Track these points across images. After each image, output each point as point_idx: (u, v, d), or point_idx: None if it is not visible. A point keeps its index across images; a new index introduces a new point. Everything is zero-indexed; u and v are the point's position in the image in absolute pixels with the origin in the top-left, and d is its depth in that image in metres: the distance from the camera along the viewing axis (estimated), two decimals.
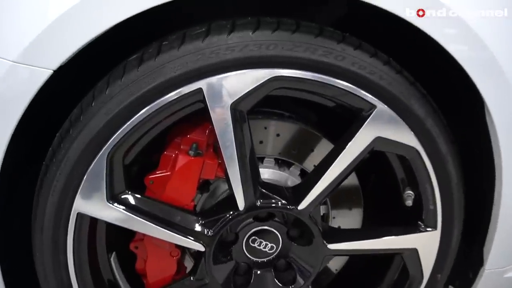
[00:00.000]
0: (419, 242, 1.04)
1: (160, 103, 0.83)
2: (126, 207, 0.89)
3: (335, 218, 1.19)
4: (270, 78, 0.84)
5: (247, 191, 0.92)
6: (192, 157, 0.94)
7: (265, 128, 1.07)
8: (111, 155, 0.85)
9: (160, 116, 0.85)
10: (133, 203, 0.90)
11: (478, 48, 0.85)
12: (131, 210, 0.90)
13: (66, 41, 0.77)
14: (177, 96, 0.82)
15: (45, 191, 0.87)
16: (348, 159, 0.92)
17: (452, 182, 0.99)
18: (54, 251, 0.91)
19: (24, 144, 0.92)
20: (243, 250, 1.02)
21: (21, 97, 0.78)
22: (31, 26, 0.75)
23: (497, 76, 0.88)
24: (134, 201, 0.91)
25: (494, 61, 0.86)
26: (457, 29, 0.85)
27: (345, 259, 1.25)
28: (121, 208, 0.89)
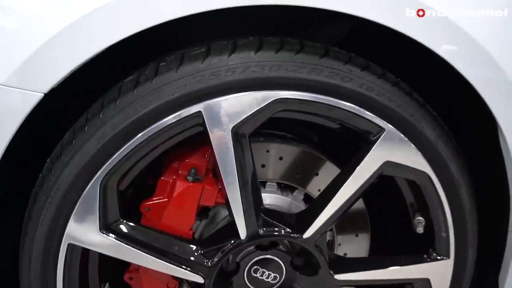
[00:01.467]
0: (431, 272, 0.98)
1: (157, 127, 0.78)
2: (120, 237, 0.84)
3: (341, 245, 1.14)
4: (274, 101, 0.80)
5: (249, 219, 0.86)
6: (190, 183, 0.89)
7: (267, 151, 1.02)
8: (104, 182, 0.80)
9: (157, 141, 0.81)
10: (127, 233, 0.85)
11: (489, 67, 0.81)
12: (126, 240, 0.84)
13: (58, 64, 0.73)
14: (175, 120, 0.78)
15: (34, 220, 0.82)
16: (356, 184, 0.87)
17: (465, 208, 0.94)
18: (43, 285, 0.86)
19: (12, 172, 0.87)
20: (244, 281, 0.96)
21: (10, 121, 0.74)
22: (21, 48, 0.71)
23: (511, 95, 0.84)
24: (129, 230, 0.85)
25: (507, 80, 0.82)
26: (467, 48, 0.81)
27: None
28: (115, 238, 0.83)
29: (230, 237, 0.89)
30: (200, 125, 0.81)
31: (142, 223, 0.92)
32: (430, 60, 0.81)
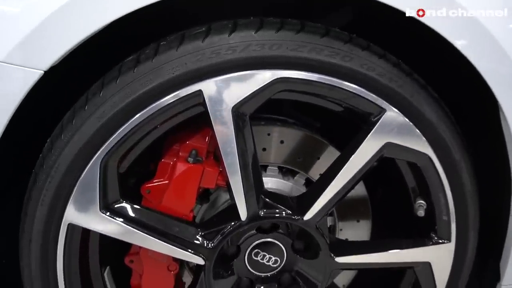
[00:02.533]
0: (432, 255, 0.98)
1: (157, 106, 0.78)
2: (120, 217, 0.84)
3: (342, 230, 1.13)
4: (274, 80, 0.79)
5: (250, 200, 0.86)
6: (191, 164, 0.89)
7: (268, 134, 1.02)
8: (105, 162, 0.80)
9: (157, 120, 0.81)
10: (128, 213, 0.85)
11: (490, 47, 0.81)
12: (126, 220, 0.84)
13: (57, 41, 0.72)
14: (176, 99, 0.78)
15: (34, 201, 0.82)
16: (357, 166, 0.87)
17: (466, 191, 0.93)
18: (43, 265, 0.85)
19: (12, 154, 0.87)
20: (245, 264, 0.96)
21: (10, 99, 0.73)
22: (21, 24, 0.71)
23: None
24: (129, 211, 0.85)
25: (509, 60, 0.82)
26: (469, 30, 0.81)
27: (353, 274, 1.19)
28: (115, 218, 0.83)
29: (231, 219, 0.89)
30: (201, 105, 0.81)
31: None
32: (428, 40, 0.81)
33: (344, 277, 1.18)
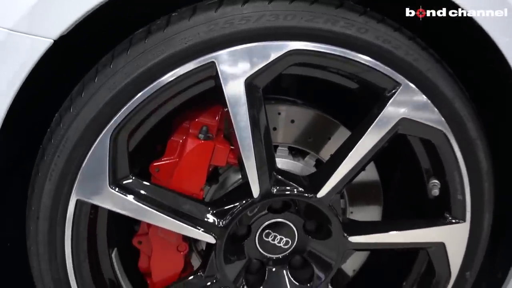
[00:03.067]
0: (447, 236, 0.96)
1: (168, 77, 0.76)
2: (130, 193, 0.81)
3: (352, 213, 1.11)
4: (288, 52, 0.77)
5: (262, 176, 0.84)
6: (202, 141, 0.87)
7: (278, 113, 1.00)
8: (115, 136, 0.78)
9: (168, 93, 0.79)
10: (137, 190, 0.83)
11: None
12: (136, 197, 0.82)
13: (67, 8, 0.70)
14: (187, 70, 0.76)
15: (42, 176, 0.80)
16: (371, 142, 0.85)
17: (482, 170, 0.91)
18: (50, 243, 0.83)
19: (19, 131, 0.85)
20: (256, 245, 0.94)
21: (19, 69, 0.71)
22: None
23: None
24: (139, 187, 0.83)
25: None
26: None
27: (364, 258, 1.17)
28: (124, 194, 0.81)
29: (243, 197, 0.87)
30: (212, 78, 0.79)
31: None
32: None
33: (354, 262, 1.17)
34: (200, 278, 0.92)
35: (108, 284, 0.95)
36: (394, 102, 0.84)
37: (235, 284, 0.93)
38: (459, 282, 1.01)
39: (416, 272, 1.06)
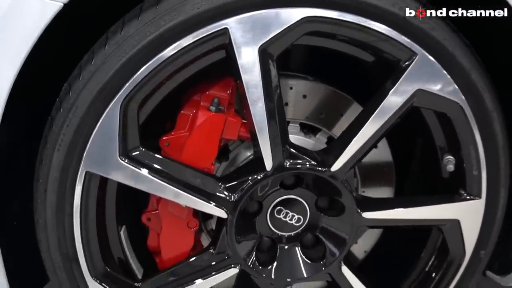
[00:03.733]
0: (462, 212, 0.94)
1: (180, 45, 0.74)
2: (140, 165, 0.80)
3: (364, 193, 1.10)
4: (302, 19, 0.75)
5: (275, 149, 0.82)
6: (213, 113, 0.86)
7: (290, 88, 0.98)
8: (125, 105, 0.76)
9: (179, 62, 0.77)
10: (148, 162, 0.81)
11: None
12: (146, 168, 0.80)
13: None
14: (200, 37, 0.74)
15: (50, 147, 0.78)
16: (387, 114, 0.83)
17: (498, 144, 0.90)
18: (58, 217, 0.81)
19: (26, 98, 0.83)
20: (267, 222, 0.92)
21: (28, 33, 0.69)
22: None
23: None
24: (150, 159, 0.81)
25: None
26: None
27: (376, 239, 1.15)
28: (134, 166, 0.79)
29: (255, 171, 0.85)
30: (224, 48, 0.78)
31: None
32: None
33: (366, 242, 1.15)
34: (211, 255, 0.90)
35: (117, 262, 0.93)
36: (410, 73, 0.81)
37: (246, 261, 0.91)
38: (473, 261, 0.99)
39: (428, 253, 1.05)
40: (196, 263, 0.90)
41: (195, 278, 0.90)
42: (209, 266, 0.90)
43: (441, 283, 1.01)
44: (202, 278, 0.90)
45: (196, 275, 0.90)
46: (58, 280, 0.85)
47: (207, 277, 0.90)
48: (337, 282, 0.96)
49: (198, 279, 0.90)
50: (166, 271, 0.90)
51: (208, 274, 0.90)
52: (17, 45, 0.69)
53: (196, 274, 0.90)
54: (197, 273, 0.90)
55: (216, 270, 0.90)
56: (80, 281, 0.85)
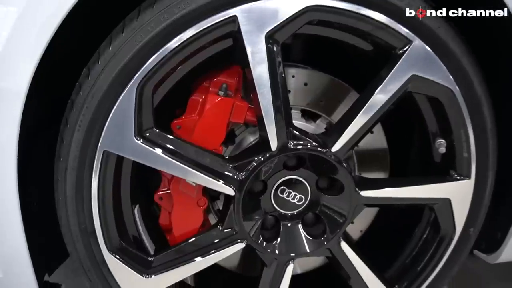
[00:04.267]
0: (452, 192, 1.01)
1: (193, 31, 0.79)
2: (154, 145, 0.85)
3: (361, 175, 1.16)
4: (306, 8, 0.81)
5: (280, 130, 0.88)
6: (222, 97, 0.91)
7: (292, 76, 1.04)
8: (141, 88, 0.81)
9: (191, 48, 0.82)
10: (161, 142, 0.86)
11: None
12: (160, 148, 0.85)
13: None
14: (210, 24, 0.79)
15: (71, 128, 0.83)
16: (384, 97, 0.89)
17: (487, 127, 0.96)
18: (77, 194, 0.87)
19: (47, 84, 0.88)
20: (271, 201, 0.98)
21: (50, 21, 0.74)
22: None
23: None
24: (163, 139, 0.87)
25: None
26: None
27: (371, 218, 1.22)
28: (149, 145, 0.85)
29: (261, 151, 0.91)
30: (231, 36, 0.83)
31: None
32: None
33: (362, 222, 1.22)
34: (218, 231, 0.96)
35: (131, 238, 0.99)
36: (405, 59, 0.88)
37: (252, 236, 0.97)
38: (463, 238, 1.06)
39: (421, 231, 1.12)
40: (205, 239, 0.96)
41: (204, 252, 0.96)
42: (217, 241, 0.96)
43: (432, 259, 1.08)
44: (210, 252, 0.95)
45: (205, 249, 0.96)
46: (77, 253, 0.91)
47: (216, 251, 0.96)
48: (336, 257, 1.03)
49: (207, 254, 0.96)
50: (178, 246, 0.96)
51: (216, 248, 0.96)
52: (40, 30, 0.74)
53: (205, 249, 0.96)
54: (206, 247, 0.96)
55: (224, 245, 0.96)
56: (97, 254, 0.91)
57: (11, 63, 0.78)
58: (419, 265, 1.09)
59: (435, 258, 1.08)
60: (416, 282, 1.09)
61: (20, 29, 0.76)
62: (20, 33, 0.76)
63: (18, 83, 0.78)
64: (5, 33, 0.75)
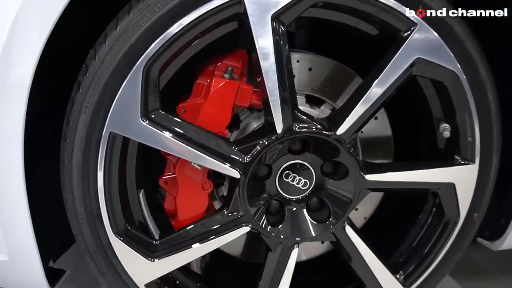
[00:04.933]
0: (457, 176, 1.01)
1: (198, 13, 0.80)
2: (160, 127, 0.85)
3: None
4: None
5: (285, 113, 0.88)
6: (227, 80, 0.92)
7: (297, 61, 1.05)
8: (147, 69, 0.82)
9: (196, 30, 0.83)
10: (167, 124, 0.87)
11: None
12: (166, 130, 0.86)
13: None
14: (217, 5, 0.80)
15: (77, 109, 0.83)
16: (388, 81, 0.89)
17: (491, 111, 0.96)
18: (84, 176, 0.87)
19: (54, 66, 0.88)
20: (275, 185, 0.98)
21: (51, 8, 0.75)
22: None
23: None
24: (169, 121, 0.87)
25: None
26: None
27: (375, 205, 1.22)
28: (156, 127, 0.85)
29: (266, 134, 0.91)
30: (237, 19, 0.84)
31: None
32: None
33: (366, 209, 1.22)
34: (223, 214, 0.96)
35: (137, 222, 0.99)
36: (410, 42, 0.88)
37: (257, 220, 0.97)
38: (467, 223, 1.06)
39: (425, 217, 1.12)
40: (210, 223, 0.97)
41: (209, 236, 0.96)
42: (222, 225, 0.96)
43: (437, 245, 1.09)
44: (215, 236, 0.96)
45: (210, 233, 0.96)
46: (83, 236, 0.91)
47: (221, 235, 0.96)
48: (341, 242, 1.03)
49: (212, 237, 0.96)
50: (183, 229, 0.96)
51: (221, 232, 0.96)
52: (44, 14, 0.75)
53: (210, 232, 0.96)
54: (211, 231, 0.96)
55: (229, 229, 0.96)
56: (103, 237, 0.91)
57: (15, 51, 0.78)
58: (423, 251, 1.10)
59: (439, 244, 1.08)
60: (420, 267, 1.09)
61: (23, 17, 0.77)
62: (24, 21, 0.77)
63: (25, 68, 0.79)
64: (9, 22, 0.77)
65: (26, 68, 0.79)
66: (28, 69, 0.79)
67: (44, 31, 0.78)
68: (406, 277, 1.10)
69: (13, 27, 0.77)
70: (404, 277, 1.10)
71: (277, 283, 1.02)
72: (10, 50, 0.78)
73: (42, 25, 0.78)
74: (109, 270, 0.94)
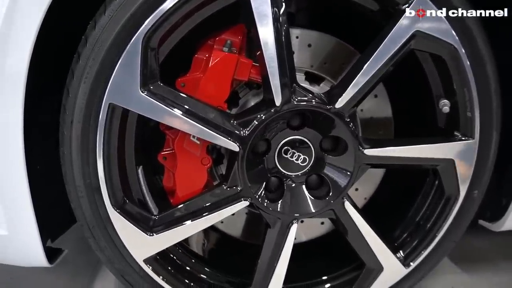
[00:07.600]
0: (456, 152, 1.00)
1: None
2: (159, 98, 0.86)
3: None
4: None
5: (284, 86, 0.88)
6: (226, 53, 0.92)
7: (296, 37, 1.05)
8: (146, 39, 0.82)
9: (194, 1, 0.83)
10: (166, 95, 0.87)
11: None
12: (165, 102, 0.86)
13: None
14: None
15: (77, 80, 0.84)
16: (387, 53, 0.89)
17: (491, 87, 0.96)
18: (83, 148, 0.87)
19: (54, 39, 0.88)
20: (275, 161, 0.98)
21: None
22: None
23: None
24: (168, 93, 0.87)
25: None
26: None
27: (375, 187, 1.22)
28: (155, 98, 0.85)
29: (266, 107, 0.91)
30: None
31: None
32: None
33: (366, 189, 1.22)
34: (222, 189, 0.96)
35: (135, 196, 0.99)
36: (409, 15, 0.88)
37: (256, 195, 0.97)
38: (467, 201, 1.06)
39: (425, 197, 1.11)
40: (209, 197, 0.97)
41: (208, 210, 0.96)
42: (221, 199, 0.96)
43: (436, 224, 1.08)
44: (214, 210, 0.96)
45: (209, 208, 0.96)
46: (81, 209, 0.91)
47: (220, 209, 0.96)
48: (340, 219, 1.03)
49: (211, 212, 0.96)
50: (182, 203, 0.96)
51: (220, 206, 0.96)
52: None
53: (209, 207, 0.96)
54: (209, 206, 0.96)
55: (228, 203, 0.96)
56: (101, 210, 0.91)
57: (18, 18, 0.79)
58: (424, 229, 1.09)
59: (439, 222, 1.07)
60: (420, 246, 1.09)
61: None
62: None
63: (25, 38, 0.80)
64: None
65: (26, 40, 0.79)
66: (27, 43, 0.79)
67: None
68: (406, 256, 1.09)
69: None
70: (404, 256, 1.09)
71: (276, 260, 1.02)
72: (12, 15, 0.78)
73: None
74: (108, 244, 0.94)
